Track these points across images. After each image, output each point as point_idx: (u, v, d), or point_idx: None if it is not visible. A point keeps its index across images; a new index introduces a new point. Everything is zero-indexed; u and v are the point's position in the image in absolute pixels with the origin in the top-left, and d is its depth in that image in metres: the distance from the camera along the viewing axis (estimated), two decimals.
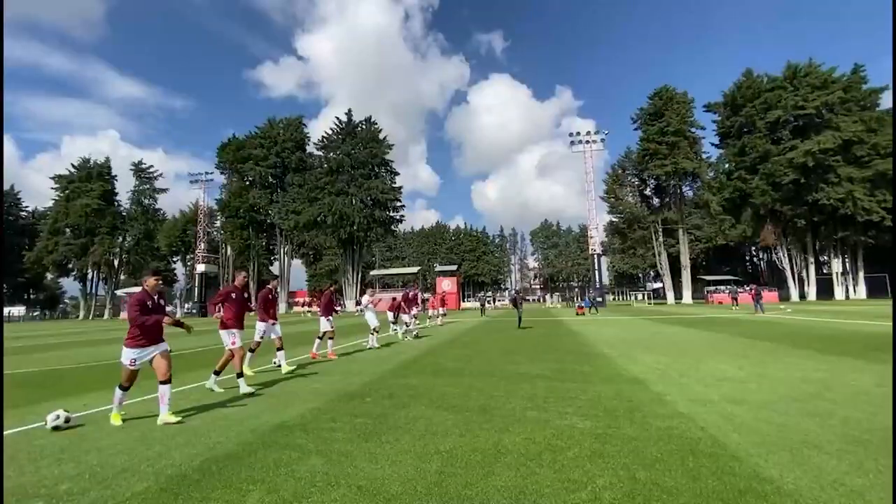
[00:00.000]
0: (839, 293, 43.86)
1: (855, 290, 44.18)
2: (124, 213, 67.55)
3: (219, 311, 6.23)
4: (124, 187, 75.34)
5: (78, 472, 3.19)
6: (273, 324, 7.58)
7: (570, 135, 53.08)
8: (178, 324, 4.82)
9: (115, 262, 66.89)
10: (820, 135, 39.84)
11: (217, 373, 6.08)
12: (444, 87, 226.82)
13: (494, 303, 58.50)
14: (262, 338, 7.54)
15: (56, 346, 15.17)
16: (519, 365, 7.76)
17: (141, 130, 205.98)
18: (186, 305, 59.24)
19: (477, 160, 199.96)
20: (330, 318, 9.69)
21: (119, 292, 63.82)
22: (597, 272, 49.14)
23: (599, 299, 43.10)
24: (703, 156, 50.24)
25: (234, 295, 5.95)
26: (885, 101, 42.31)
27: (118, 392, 4.55)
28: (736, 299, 31.75)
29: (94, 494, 2.79)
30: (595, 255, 49.80)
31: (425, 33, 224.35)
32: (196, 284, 56.34)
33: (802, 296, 45.31)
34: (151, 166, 70.30)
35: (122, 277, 69.68)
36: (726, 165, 48.56)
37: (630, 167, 57.19)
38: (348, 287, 57.51)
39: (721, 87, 68.36)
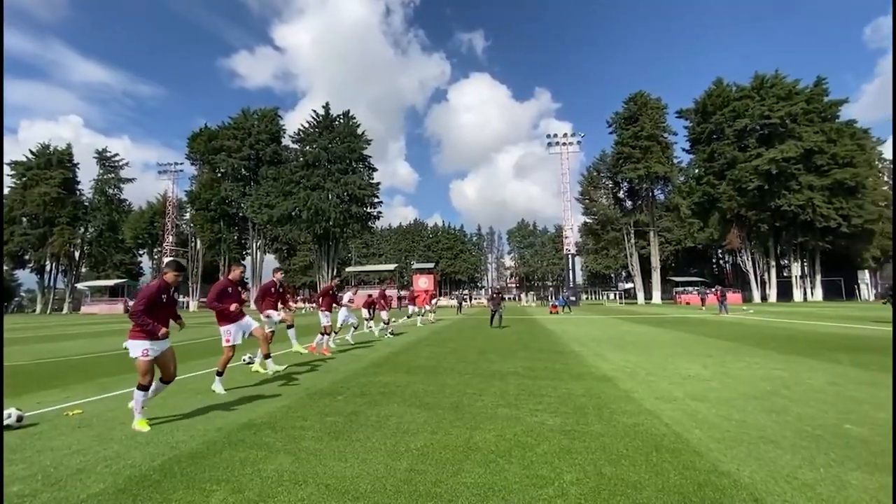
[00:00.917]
0: (798, 295, 46.01)
1: (812, 293, 46.43)
2: (86, 203, 64.52)
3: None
4: (87, 176, 72.03)
5: (30, 472, 3.03)
6: (266, 315, 7.45)
7: (548, 136, 53.97)
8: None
9: (76, 254, 63.94)
10: (783, 143, 41.65)
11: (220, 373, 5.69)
12: (424, 84, 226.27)
13: (471, 301, 58.75)
14: (272, 329, 7.41)
15: (10, 342, 14.39)
16: (492, 363, 7.82)
17: (106, 117, 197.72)
18: None
19: (456, 158, 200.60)
20: (329, 313, 9.79)
21: (80, 286, 61.06)
22: (571, 272, 50.09)
23: (573, 298, 43.87)
24: (675, 160, 51.81)
25: (229, 289, 5.81)
26: (845, 113, 44.69)
27: (138, 394, 4.03)
28: (704, 300, 32.88)
29: (46, 496, 2.66)
30: (569, 255, 50.74)
31: (406, 29, 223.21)
32: None
33: (764, 297, 47.31)
34: (116, 154, 67.39)
35: (84, 270, 66.70)
36: (696, 170, 50.17)
37: (604, 170, 58.51)
38: (322, 284, 56.74)
39: (693, 94, 70.85)
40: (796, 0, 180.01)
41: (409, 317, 14.61)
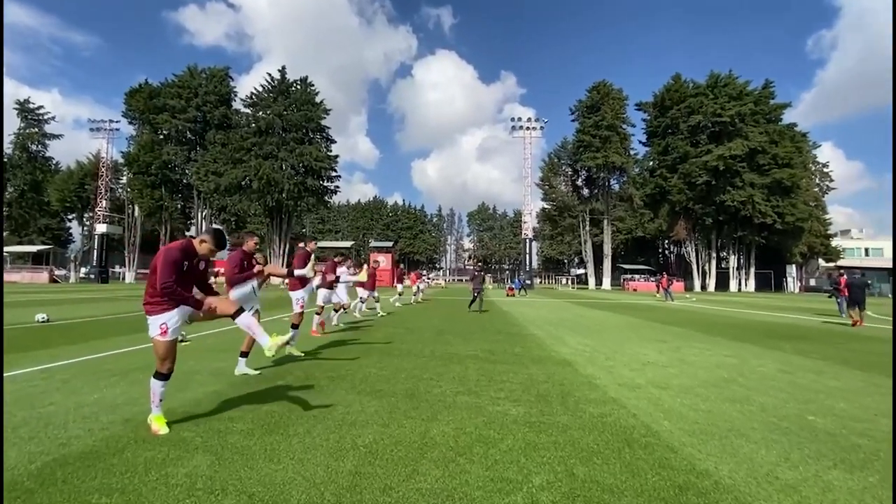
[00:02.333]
0: (733, 285, 49.26)
1: (746, 284, 49.84)
2: (5, 160, 57.88)
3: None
4: (6, 129, 64.56)
5: None
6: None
7: (512, 120, 53.84)
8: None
9: None
10: (732, 141, 43.76)
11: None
12: (389, 57, 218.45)
13: (429, 281, 58.42)
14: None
15: None
16: (450, 345, 7.48)
17: (31, 65, 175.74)
18: (83, 270, 52.36)
19: (419, 137, 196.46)
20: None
21: None
22: (527, 256, 50.86)
23: (528, 282, 44.66)
24: (632, 152, 53.30)
25: (245, 263, 5.16)
26: (787, 117, 47.57)
27: (156, 384, 3.17)
28: (660, 287, 34.38)
29: None
30: (527, 240, 51.38)
31: None
32: (95, 246, 50.01)
33: (704, 286, 50.29)
34: (41, 107, 60.68)
35: (3, 234, 60.23)
36: (650, 163, 51.91)
37: (565, 157, 59.35)
38: (274, 259, 54.37)
39: (653, 87, 73.12)
40: (749, 7, 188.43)
41: (363, 299, 14.04)
